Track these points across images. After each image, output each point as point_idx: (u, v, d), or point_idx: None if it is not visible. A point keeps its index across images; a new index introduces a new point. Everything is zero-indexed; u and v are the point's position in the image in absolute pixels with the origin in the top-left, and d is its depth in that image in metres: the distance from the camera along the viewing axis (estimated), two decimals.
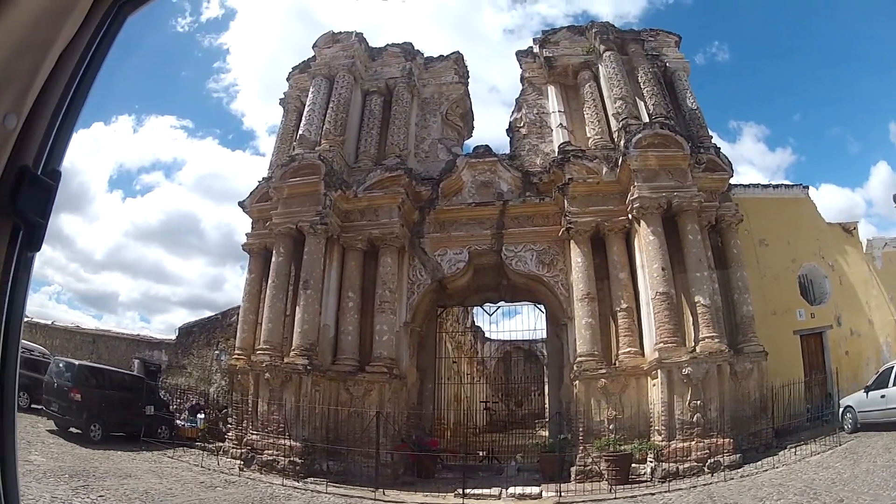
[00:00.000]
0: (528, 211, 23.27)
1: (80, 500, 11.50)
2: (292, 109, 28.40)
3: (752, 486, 14.39)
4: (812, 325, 24.21)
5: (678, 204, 20.31)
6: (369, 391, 21.09)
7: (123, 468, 16.56)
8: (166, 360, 30.96)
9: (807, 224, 25.83)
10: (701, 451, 17.43)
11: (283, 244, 22.71)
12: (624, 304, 20.44)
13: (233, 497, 14.89)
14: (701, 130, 23.62)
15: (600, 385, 19.58)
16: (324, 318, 21.92)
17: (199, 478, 17.17)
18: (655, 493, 15.60)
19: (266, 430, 20.44)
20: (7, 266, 1.75)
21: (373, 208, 23.23)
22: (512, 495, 16.90)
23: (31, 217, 1.78)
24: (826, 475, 13.96)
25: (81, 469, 15.01)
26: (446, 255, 23.46)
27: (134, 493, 13.33)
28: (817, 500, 11.41)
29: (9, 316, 1.79)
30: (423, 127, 26.90)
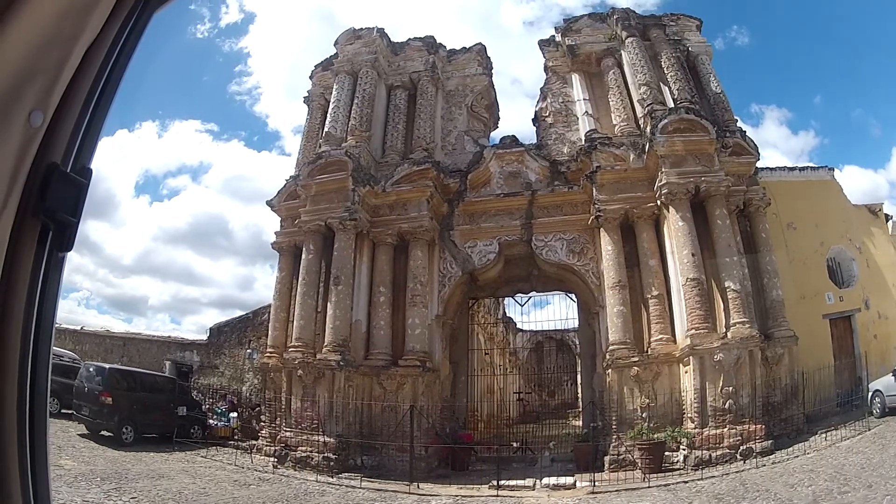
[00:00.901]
0: (556, 200, 23.18)
1: (111, 502, 11.54)
2: (317, 107, 28.44)
3: (783, 473, 14.31)
4: (841, 308, 23.93)
5: (706, 189, 20.15)
6: (402, 385, 21.13)
7: (156, 469, 16.66)
8: (198, 360, 31.08)
9: (834, 206, 25.58)
10: (733, 438, 17.35)
11: (312, 241, 22.77)
12: (655, 290, 20.32)
13: (267, 494, 14.90)
14: (726, 114, 23.33)
15: (633, 373, 19.50)
16: (355, 314, 21.99)
17: (233, 476, 17.25)
18: (689, 481, 15.49)
19: (299, 426, 20.52)
20: (37, 268, 1.72)
21: (401, 202, 23.23)
22: (546, 486, 16.85)
23: (62, 216, 1.74)
24: (856, 460, 13.88)
25: (113, 471, 15.10)
26: (476, 246, 23.44)
27: (167, 493, 13.36)
28: (847, 486, 11.33)
29: (39, 319, 1.76)
30: (448, 119, 26.86)
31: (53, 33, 1.65)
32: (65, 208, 1.74)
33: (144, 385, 23.28)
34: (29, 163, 1.65)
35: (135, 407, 21.51)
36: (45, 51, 1.64)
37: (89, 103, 1.83)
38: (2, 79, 1.53)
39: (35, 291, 1.73)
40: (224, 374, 29.53)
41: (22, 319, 1.71)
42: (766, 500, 11.73)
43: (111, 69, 1.88)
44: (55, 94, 1.70)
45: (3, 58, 1.52)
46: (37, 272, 1.72)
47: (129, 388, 22.07)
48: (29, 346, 1.74)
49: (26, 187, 1.65)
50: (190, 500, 13.03)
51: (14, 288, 1.68)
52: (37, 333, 1.76)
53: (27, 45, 1.58)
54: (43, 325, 1.79)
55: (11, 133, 1.59)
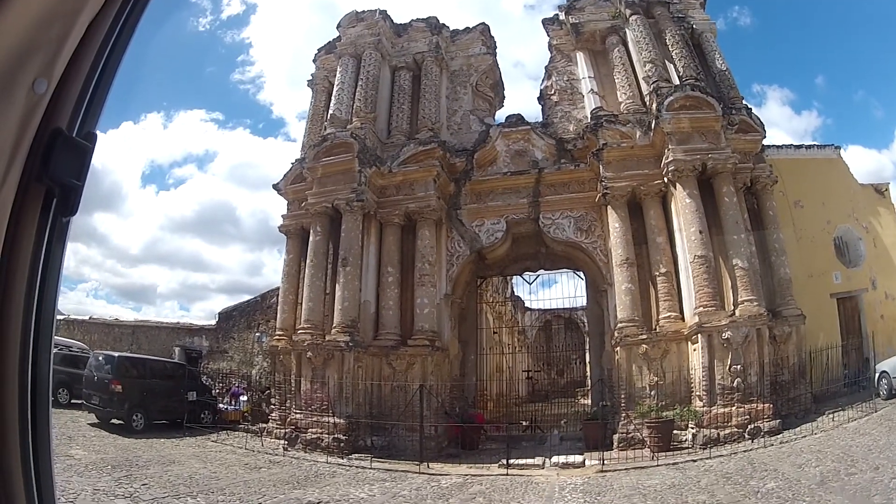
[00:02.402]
0: (563, 178, 23.13)
1: (122, 490, 11.50)
2: (321, 90, 28.40)
3: (791, 453, 14.31)
4: (848, 287, 23.93)
5: (713, 166, 20.06)
6: (412, 365, 21.14)
7: (167, 455, 16.69)
8: (207, 345, 31.18)
9: (840, 185, 25.50)
10: (741, 417, 17.35)
11: (319, 223, 22.83)
12: (663, 268, 20.29)
13: (277, 477, 14.89)
14: (731, 91, 23.15)
15: (641, 351, 19.49)
16: (364, 295, 22.01)
17: (244, 460, 17.29)
18: (697, 460, 15.50)
19: (309, 408, 20.59)
20: (41, 233, 1.75)
21: (408, 182, 23.22)
22: (555, 464, 16.85)
23: (66, 180, 1.76)
24: (862, 442, 13.84)
25: (124, 459, 15.12)
26: (484, 225, 23.41)
27: (178, 479, 13.35)
28: (854, 468, 11.29)
29: (43, 284, 1.78)
30: (453, 99, 26.79)
31: (55, 8, 1.66)
32: (69, 172, 1.76)
33: (154, 372, 23.35)
34: (33, 129, 1.67)
35: (145, 394, 21.56)
36: (47, 25, 1.64)
37: (94, 71, 1.84)
38: (5, 49, 1.54)
39: (39, 257, 1.75)
40: (233, 358, 29.61)
41: (25, 286, 1.73)
42: (774, 479, 11.70)
43: (116, 39, 1.88)
44: (59, 63, 1.70)
45: (6, 31, 1.53)
46: (41, 238, 1.75)
47: (138, 375, 22.14)
48: (32, 312, 1.76)
49: (30, 154, 1.66)
50: (201, 484, 13.02)
51: (18, 254, 1.70)
52: (40, 300, 1.78)
53: (30, 18, 1.59)
54: (47, 291, 1.81)
55: (14, 100, 1.60)
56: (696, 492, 11.75)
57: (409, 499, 12.79)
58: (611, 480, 14.23)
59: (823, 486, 10.21)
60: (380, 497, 12.94)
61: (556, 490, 13.47)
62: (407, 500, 12.59)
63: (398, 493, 13.41)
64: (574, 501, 12.02)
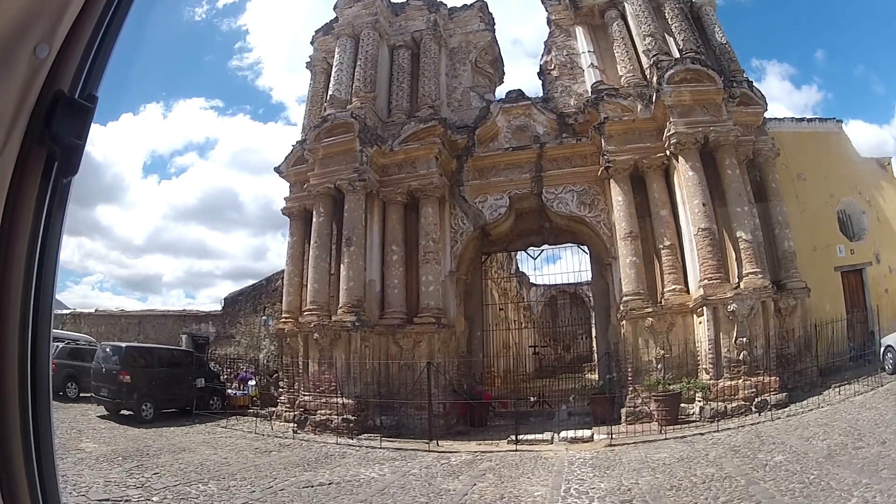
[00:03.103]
0: (565, 152, 23.02)
1: (134, 480, 11.51)
2: (320, 72, 28.29)
3: (798, 426, 14.30)
4: (852, 261, 23.85)
5: (715, 139, 19.98)
6: (418, 343, 21.19)
7: (177, 443, 16.75)
8: (214, 331, 31.23)
9: (843, 158, 25.38)
10: (748, 390, 17.40)
11: (322, 204, 22.81)
12: (667, 241, 20.24)
13: (288, 460, 14.92)
14: (732, 65, 23.09)
15: (647, 324, 19.51)
16: (369, 274, 22.07)
17: (254, 444, 17.36)
18: (705, 433, 15.49)
19: (318, 390, 20.69)
20: (42, 195, 1.75)
21: (410, 160, 23.16)
22: (564, 439, 16.92)
23: (68, 140, 1.75)
24: (869, 416, 13.83)
25: (134, 449, 15.16)
26: (487, 201, 23.37)
27: (189, 466, 13.40)
28: (861, 442, 11.26)
29: (44, 246, 1.79)
30: (453, 77, 26.65)
31: None
32: (71, 133, 1.76)
33: (162, 360, 23.38)
34: (35, 93, 1.67)
35: (153, 383, 21.61)
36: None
37: (96, 36, 1.82)
38: (7, 16, 1.54)
39: (40, 219, 1.76)
40: (240, 342, 29.68)
41: (27, 248, 1.74)
42: (782, 452, 11.69)
43: (117, 4, 1.86)
44: (61, 29, 1.70)
45: None
46: (42, 200, 1.75)
47: (146, 364, 22.19)
48: (33, 274, 1.77)
49: (32, 117, 1.66)
50: (212, 470, 13.05)
51: (19, 216, 1.71)
52: (41, 262, 1.79)
53: None
54: (48, 254, 1.81)
55: (16, 65, 1.60)
56: (704, 465, 11.76)
57: (419, 477, 12.83)
58: (619, 454, 14.25)
59: (831, 460, 10.21)
60: (390, 476, 12.98)
61: (565, 465, 13.49)
62: (417, 479, 12.62)
63: (408, 472, 13.46)
64: (584, 476, 12.04)
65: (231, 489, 11.21)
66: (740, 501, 8.65)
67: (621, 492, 10.27)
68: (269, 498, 10.58)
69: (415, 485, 11.97)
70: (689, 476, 10.87)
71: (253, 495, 10.70)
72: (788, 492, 8.73)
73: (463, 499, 10.46)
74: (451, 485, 11.89)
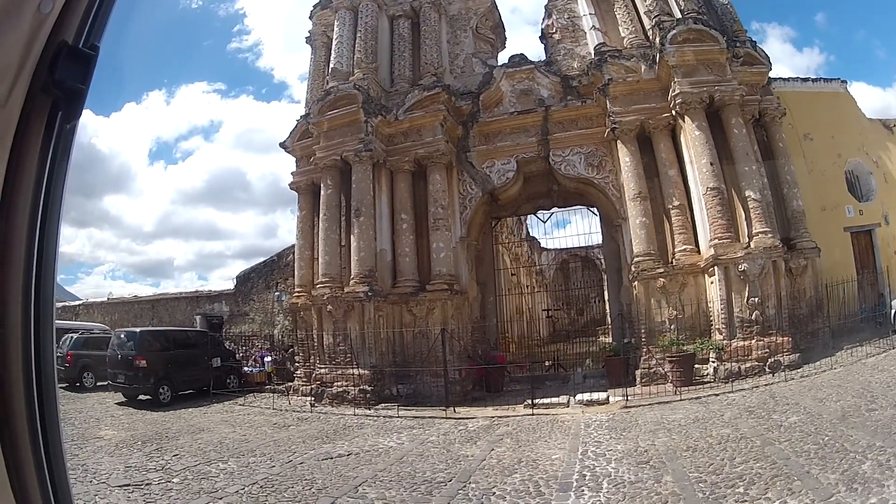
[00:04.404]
0: (571, 115, 22.86)
1: (154, 463, 11.55)
2: (320, 46, 28.11)
3: (811, 387, 14.39)
4: (861, 222, 23.91)
5: (720, 98, 19.87)
6: (432, 310, 21.25)
7: (195, 424, 16.84)
8: (227, 310, 31.41)
9: (849, 119, 25.26)
10: (761, 350, 17.48)
11: (329, 177, 22.78)
12: (676, 201, 20.21)
13: (306, 433, 14.99)
14: (735, 25, 22.99)
15: (659, 285, 19.54)
16: (379, 244, 22.09)
17: (272, 420, 17.46)
18: (720, 394, 15.58)
19: (333, 362, 20.80)
20: (47, 140, 1.79)
21: (415, 129, 23.08)
22: (580, 402, 16.99)
23: (71, 85, 1.80)
24: (881, 378, 13.85)
25: (153, 433, 15.25)
26: (494, 166, 23.30)
27: (208, 445, 13.46)
28: (875, 404, 11.25)
29: (48, 191, 1.82)
30: (454, 44, 26.35)
31: None
32: (74, 79, 1.79)
33: (177, 342, 23.48)
34: (41, 44, 1.70)
35: (169, 366, 21.67)
36: None
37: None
38: None
39: (45, 164, 1.80)
40: (255, 320, 29.85)
41: (31, 193, 1.78)
42: (796, 413, 11.71)
43: None
44: None
45: None
46: (47, 144, 1.79)
47: (162, 347, 22.26)
48: (37, 218, 1.80)
49: (38, 66, 1.70)
50: (231, 448, 13.11)
51: (25, 162, 1.75)
52: (45, 207, 1.82)
53: None
54: (52, 198, 1.84)
55: (21, 20, 1.64)
56: (720, 426, 11.81)
57: (437, 444, 12.90)
58: (635, 416, 14.31)
59: (845, 421, 10.23)
60: (409, 444, 13.06)
61: (581, 427, 13.56)
62: (435, 446, 12.69)
63: (426, 440, 13.54)
64: (600, 438, 12.10)
65: (251, 465, 11.30)
66: (756, 462, 8.69)
67: (638, 453, 10.32)
68: (289, 472, 10.66)
69: (433, 452, 12.05)
70: (705, 437, 10.92)
71: (273, 470, 10.78)
72: (804, 453, 8.76)
73: (481, 464, 10.54)
74: (469, 451, 11.97)
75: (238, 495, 9.12)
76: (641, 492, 8.04)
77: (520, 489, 8.73)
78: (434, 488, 9.10)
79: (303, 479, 10.09)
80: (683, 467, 8.97)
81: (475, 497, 8.48)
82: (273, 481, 9.92)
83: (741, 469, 8.45)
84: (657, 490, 8.03)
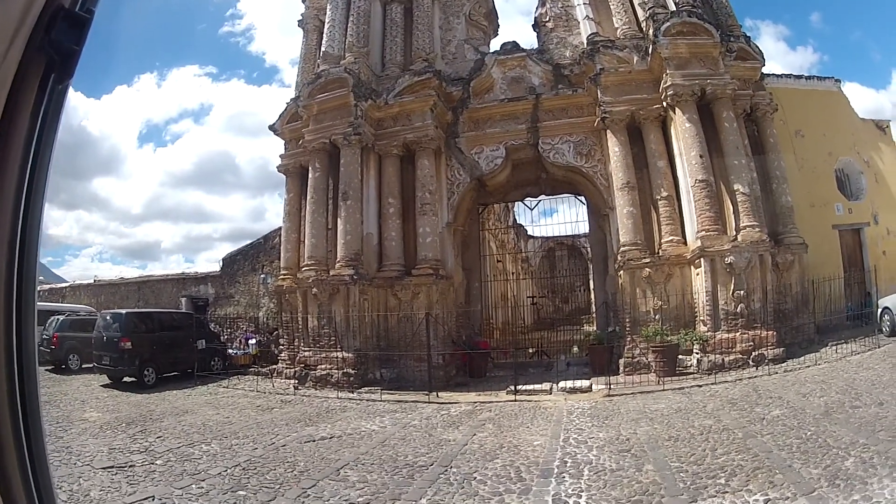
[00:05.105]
0: (561, 103, 22.85)
1: (138, 445, 11.55)
2: (312, 29, 28.01)
3: (795, 382, 14.47)
4: (850, 220, 23.95)
5: (712, 91, 19.91)
6: (417, 294, 21.24)
7: (180, 406, 16.86)
8: (213, 292, 31.28)
9: (841, 117, 25.25)
10: (745, 343, 17.60)
11: (318, 160, 22.73)
12: (664, 192, 20.25)
13: (289, 416, 15.04)
14: (729, 20, 23.00)
15: (645, 274, 19.60)
16: (366, 227, 22.07)
17: (256, 402, 17.48)
18: (703, 385, 15.67)
19: (318, 345, 20.83)
20: (39, 99, 1.83)
21: (405, 113, 22.98)
22: (563, 389, 17.13)
23: (66, 46, 1.83)
24: (866, 376, 13.89)
25: (138, 415, 15.25)
26: (483, 152, 23.27)
27: (191, 427, 13.48)
28: (859, 401, 11.30)
29: (38, 148, 1.86)
30: (447, 30, 26.23)
31: None
32: (69, 40, 1.83)
33: (163, 324, 23.36)
34: (39, 7, 1.74)
35: (154, 347, 21.61)
36: None
37: None
38: None
39: (36, 123, 1.84)
40: (240, 302, 29.76)
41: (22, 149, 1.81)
42: (779, 407, 11.77)
43: None
44: None
45: None
46: (39, 103, 1.83)
47: (147, 329, 22.22)
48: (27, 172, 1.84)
49: (35, 26, 1.74)
50: (214, 430, 13.12)
51: (17, 120, 1.79)
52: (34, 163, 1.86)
53: None
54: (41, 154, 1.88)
55: None
56: (702, 416, 11.88)
57: (419, 428, 12.95)
58: (618, 405, 14.38)
59: (828, 417, 10.29)
60: (391, 428, 13.10)
61: (564, 414, 13.63)
62: (418, 430, 12.74)
63: (409, 424, 13.60)
64: (582, 425, 12.16)
65: (234, 447, 11.31)
66: (738, 454, 8.74)
67: (620, 441, 10.38)
68: (272, 454, 10.68)
69: (415, 436, 12.10)
70: (687, 427, 10.98)
71: (255, 452, 10.80)
72: (786, 447, 8.80)
73: (463, 449, 10.58)
74: (452, 435, 12.01)
75: (220, 477, 9.13)
76: (622, 480, 8.08)
77: (501, 474, 8.77)
78: (416, 472, 9.13)
79: (285, 461, 10.11)
80: (665, 457, 9.02)
81: (456, 481, 8.51)
82: (255, 463, 9.94)
83: (723, 460, 8.50)
84: (638, 478, 8.07)
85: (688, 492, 7.29)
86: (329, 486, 8.52)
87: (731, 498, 6.96)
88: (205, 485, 8.74)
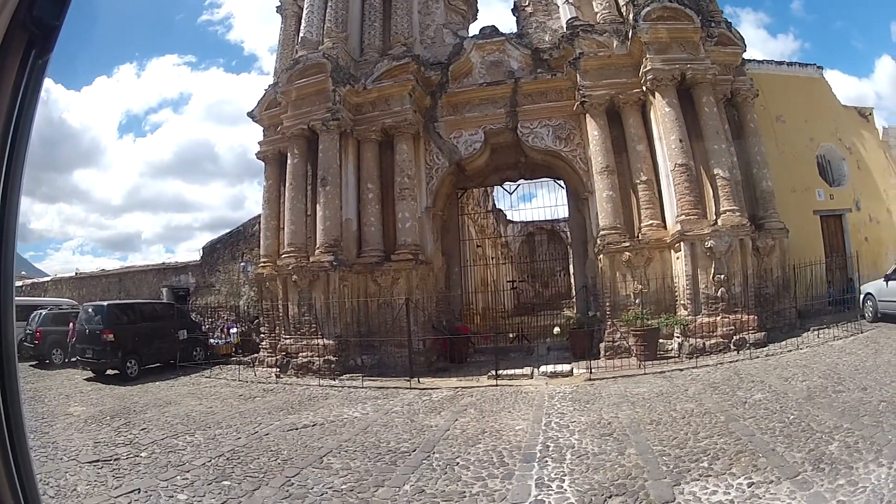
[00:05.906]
0: (541, 87, 22.83)
1: (122, 438, 11.49)
2: (290, 15, 27.74)
3: (777, 366, 14.57)
4: (832, 206, 24.33)
5: (692, 76, 19.95)
6: (397, 280, 21.22)
7: (163, 397, 16.78)
8: (194, 282, 31.24)
9: (823, 104, 25.60)
10: (726, 328, 17.75)
11: (296, 146, 22.59)
12: (644, 176, 20.29)
13: (272, 404, 15.01)
14: (711, 5, 22.94)
15: (624, 258, 19.67)
16: (345, 213, 21.97)
17: (238, 391, 17.45)
18: (684, 369, 15.79)
19: (299, 332, 20.77)
20: (21, 73, 1.88)
21: (384, 98, 22.86)
22: (544, 374, 17.14)
23: (48, 21, 1.88)
24: (849, 361, 14.01)
25: (121, 408, 15.17)
26: (462, 136, 23.25)
27: (175, 418, 13.44)
28: (842, 386, 11.36)
29: (19, 119, 1.91)
30: (426, 14, 26.10)
31: None
32: (50, 15, 1.88)
33: (144, 315, 23.20)
34: None
35: (137, 339, 21.52)
36: None
37: None
38: None
39: (17, 96, 1.88)
40: (220, 291, 29.74)
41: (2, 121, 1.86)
42: (761, 391, 11.83)
43: None
44: None
45: None
46: (21, 76, 1.88)
47: (129, 321, 22.06)
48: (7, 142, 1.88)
49: (19, 5, 1.78)
50: (197, 421, 13.08)
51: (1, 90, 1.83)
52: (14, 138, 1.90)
53: None
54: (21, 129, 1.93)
55: None
56: (684, 400, 11.93)
57: (401, 414, 12.95)
58: (599, 388, 14.43)
59: (811, 401, 10.34)
60: (373, 415, 13.09)
61: (545, 399, 13.65)
62: (400, 416, 12.74)
63: (391, 410, 13.59)
64: (564, 409, 12.19)
65: (217, 437, 11.27)
66: (720, 437, 8.78)
67: (601, 425, 10.41)
68: (255, 443, 10.66)
69: (397, 422, 12.10)
70: (669, 411, 11.02)
71: (239, 442, 10.77)
72: (769, 430, 8.85)
73: (445, 434, 10.58)
74: (434, 421, 12.02)
75: (205, 468, 9.10)
76: (605, 463, 8.11)
77: (483, 459, 8.78)
78: (398, 458, 9.13)
79: (268, 450, 10.09)
80: (647, 440, 9.06)
81: (439, 467, 8.52)
82: (239, 453, 9.91)
83: (705, 444, 8.54)
84: (620, 462, 8.10)
85: (670, 475, 7.32)
86: (312, 474, 8.51)
87: (715, 481, 6.99)
88: (189, 476, 8.71)
